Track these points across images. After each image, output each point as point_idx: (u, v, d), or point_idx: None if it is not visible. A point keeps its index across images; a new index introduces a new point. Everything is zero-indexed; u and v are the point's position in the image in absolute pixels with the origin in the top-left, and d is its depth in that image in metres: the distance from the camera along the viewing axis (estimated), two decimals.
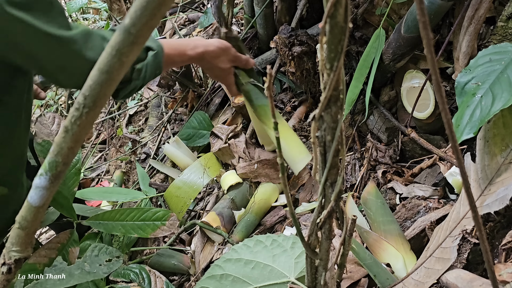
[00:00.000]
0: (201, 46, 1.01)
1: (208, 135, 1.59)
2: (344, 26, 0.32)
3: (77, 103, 0.37)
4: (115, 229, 1.01)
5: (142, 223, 0.99)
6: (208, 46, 1.01)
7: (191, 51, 0.99)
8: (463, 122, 0.74)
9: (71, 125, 0.39)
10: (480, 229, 0.37)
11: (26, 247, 0.49)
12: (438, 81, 0.31)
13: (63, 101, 2.96)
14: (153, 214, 0.97)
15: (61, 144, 0.42)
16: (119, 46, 0.32)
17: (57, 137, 0.43)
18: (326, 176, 0.41)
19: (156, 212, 0.97)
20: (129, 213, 1.00)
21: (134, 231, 0.99)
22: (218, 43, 1.03)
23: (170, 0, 0.31)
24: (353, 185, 1.17)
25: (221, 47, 1.03)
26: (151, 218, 0.98)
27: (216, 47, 1.02)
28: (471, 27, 0.90)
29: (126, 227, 1.00)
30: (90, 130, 0.45)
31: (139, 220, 1.00)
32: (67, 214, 1.03)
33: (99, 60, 0.34)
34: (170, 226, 0.95)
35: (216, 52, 1.02)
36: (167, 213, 0.99)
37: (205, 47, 1.01)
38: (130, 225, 1.00)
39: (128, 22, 0.31)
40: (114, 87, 0.35)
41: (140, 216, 0.99)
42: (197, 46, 1.00)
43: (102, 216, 1.04)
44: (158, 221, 1.00)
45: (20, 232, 0.48)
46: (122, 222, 1.01)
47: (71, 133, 0.39)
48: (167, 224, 0.98)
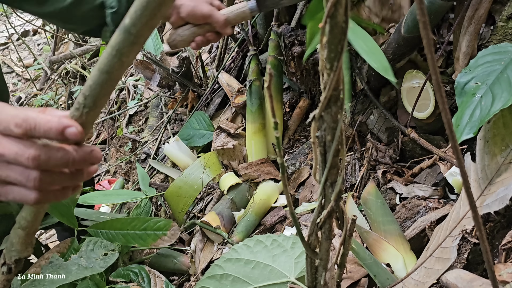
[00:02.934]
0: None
1: (208, 135, 1.59)
2: (345, 26, 0.32)
3: (77, 103, 0.37)
4: (116, 238, 1.00)
5: (143, 233, 0.98)
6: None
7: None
8: (463, 122, 0.74)
9: None
10: (480, 229, 0.37)
11: (26, 247, 0.49)
12: (438, 81, 0.31)
13: (63, 101, 2.96)
14: (155, 224, 0.95)
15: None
16: (119, 46, 0.32)
17: None
18: (326, 176, 0.41)
19: (158, 222, 0.96)
20: (130, 223, 0.99)
21: (135, 241, 0.98)
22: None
23: (171, 0, 0.31)
24: (353, 185, 1.17)
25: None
26: (153, 228, 0.97)
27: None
28: (471, 27, 0.90)
29: (127, 237, 0.99)
30: (90, 130, 0.45)
31: (140, 230, 0.99)
32: (67, 222, 1.02)
33: (100, 60, 0.34)
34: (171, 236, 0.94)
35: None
36: (168, 223, 0.98)
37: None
38: (131, 235, 0.99)
39: (128, 22, 0.31)
40: (114, 87, 0.35)
41: (141, 226, 0.98)
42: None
43: (103, 225, 1.03)
44: (160, 231, 0.99)
45: (20, 232, 0.48)
46: (122, 232, 1.00)
47: None
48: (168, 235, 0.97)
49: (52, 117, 0.45)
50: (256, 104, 1.37)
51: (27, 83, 3.77)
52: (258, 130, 1.37)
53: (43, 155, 0.46)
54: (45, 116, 0.45)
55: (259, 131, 1.37)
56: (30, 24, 3.30)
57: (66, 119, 0.44)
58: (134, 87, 2.35)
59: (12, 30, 3.76)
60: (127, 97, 2.38)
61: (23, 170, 0.47)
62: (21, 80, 3.95)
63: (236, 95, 1.49)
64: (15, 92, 3.68)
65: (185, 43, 1.07)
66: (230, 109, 1.66)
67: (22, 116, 0.46)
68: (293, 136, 1.45)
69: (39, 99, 2.97)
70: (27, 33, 4.50)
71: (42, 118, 0.45)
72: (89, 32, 1.14)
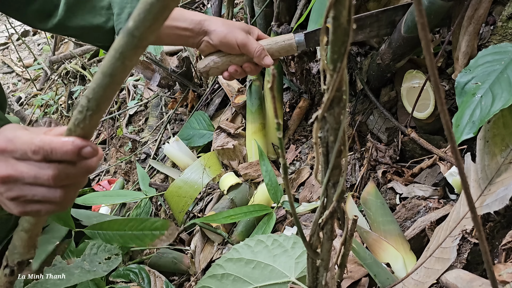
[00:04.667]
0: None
1: (208, 135, 1.60)
2: (348, 27, 0.32)
3: (81, 106, 0.37)
4: (113, 239, 1.00)
5: (141, 233, 0.98)
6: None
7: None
8: (463, 122, 0.74)
9: (74, 127, 0.39)
10: (480, 229, 0.37)
11: (29, 249, 0.49)
12: (437, 82, 0.32)
13: (63, 101, 2.96)
14: (152, 224, 0.95)
15: None
16: (123, 49, 0.32)
17: None
18: (329, 176, 0.42)
19: (155, 222, 0.96)
20: (128, 223, 0.99)
21: (132, 241, 0.98)
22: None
23: (174, 3, 0.31)
24: (353, 185, 1.17)
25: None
26: (150, 228, 0.97)
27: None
28: (470, 27, 0.90)
29: (124, 238, 0.99)
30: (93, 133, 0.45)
31: (137, 230, 0.99)
32: (64, 224, 1.02)
33: (102, 63, 0.34)
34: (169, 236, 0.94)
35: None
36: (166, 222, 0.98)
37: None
38: (129, 236, 0.98)
39: (131, 25, 0.31)
40: (117, 90, 0.36)
41: (138, 226, 0.98)
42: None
43: (100, 226, 1.03)
44: (157, 230, 0.99)
45: (23, 234, 0.48)
46: (120, 232, 1.00)
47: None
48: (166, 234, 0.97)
49: (67, 139, 0.47)
50: (256, 104, 1.37)
51: (27, 83, 3.76)
52: (258, 130, 1.37)
53: (61, 173, 0.49)
54: (59, 139, 0.47)
55: (259, 131, 1.37)
56: None
57: (79, 140, 0.46)
58: (134, 87, 2.35)
59: (12, 30, 3.76)
60: (127, 97, 2.38)
61: (47, 189, 0.50)
62: (21, 80, 3.95)
63: (236, 95, 1.49)
64: (15, 92, 3.68)
65: (218, 72, 0.97)
66: (230, 109, 1.66)
67: (37, 143, 0.48)
68: (293, 136, 1.45)
69: (39, 99, 2.97)
70: (27, 33, 4.50)
71: (58, 142, 0.47)
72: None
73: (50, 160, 0.48)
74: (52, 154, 0.47)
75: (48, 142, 0.47)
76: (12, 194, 0.50)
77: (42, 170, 0.48)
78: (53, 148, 0.47)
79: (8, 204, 0.52)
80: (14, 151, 0.49)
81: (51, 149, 0.47)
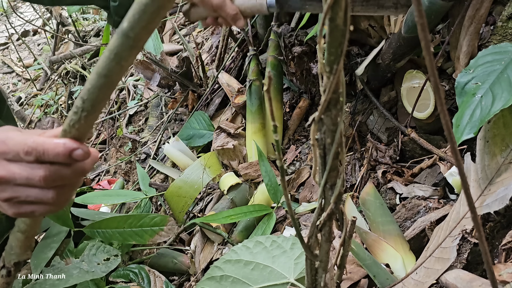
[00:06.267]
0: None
1: (208, 135, 1.59)
2: (344, 29, 0.32)
3: (75, 107, 0.37)
4: (113, 237, 1.00)
5: (140, 230, 0.98)
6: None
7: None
8: (463, 122, 0.74)
9: (69, 128, 0.38)
10: (479, 229, 0.37)
11: (25, 250, 0.49)
12: (436, 82, 0.31)
13: (63, 101, 2.96)
14: (151, 220, 0.95)
15: None
16: (118, 50, 0.32)
17: None
18: (326, 178, 0.41)
19: (154, 218, 0.96)
20: (126, 220, 0.99)
21: (132, 238, 0.97)
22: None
23: (170, 3, 0.31)
24: (353, 185, 1.16)
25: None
26: (149, 224, 0.96)
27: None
28: (472, 27, 0.90)
29: (123, 235, 0.99)
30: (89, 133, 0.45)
31: (137, 227, 0.99)
32: (62, 224, 1.02)
33: (98, 64, 0.33)
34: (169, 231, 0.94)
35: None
36: (164, 218, 0.98)
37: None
38: (128, 233, 0.98)
39: (126, 25, 0.31)
40: (113, 90, 0.35)
41: (137, 223, 0.98)
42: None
43: (99, 225, 1.03)
44: (156, 226, 0.98)
45: (19, 235, 0.48)
46: (119, 230, 1.00)
47: (69, 137, 0.39)
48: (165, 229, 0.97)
49: (59, 141, 0.47)
50: (256, 104, 1.37)
51: (27, 83, 3.77)
52: (258, 130, 1.37)
53: (53, 174, 0.49)
54: (52, 140, 0.47)
55: (259, 131, 1.37)
56: (30, 24, 3.30)
57: (71, 142, 0.46)
58: (134, 87, 2.35)
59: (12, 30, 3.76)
60: (127, 97, 2.38)
61: (40, 189, 0.50)
62: (21, 80, 3.95)
63: (236, 95, 1.49)
64: (15, 92, 3.68)
65: (199, 18, 1.05)
66: (230, 109, 1.66)
67: (30, 144, 0.48)
68: (293, 136, 1.45)
69: (39, 99, 2.97)
70: (27, 33, 4.50)
71: (50, 144, 0.47)
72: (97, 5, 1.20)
73: (42, 161, 0.48)
74: (44, 155, 0.47)
75: (41, 143, 0.47)
76: (5, 195, 0.50)
77: (34, 171, 0.48)
78: (45, 150, 0.47)
79: (2, 205, 0.52)
80: (7, 153, 0.49)
81: (43, 150, 0.47)
